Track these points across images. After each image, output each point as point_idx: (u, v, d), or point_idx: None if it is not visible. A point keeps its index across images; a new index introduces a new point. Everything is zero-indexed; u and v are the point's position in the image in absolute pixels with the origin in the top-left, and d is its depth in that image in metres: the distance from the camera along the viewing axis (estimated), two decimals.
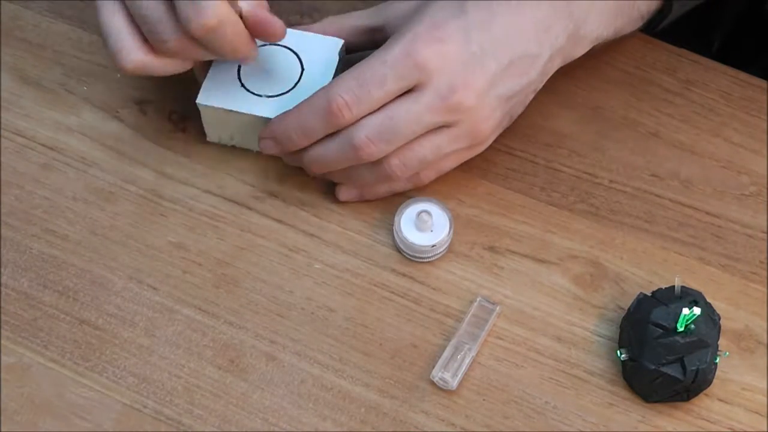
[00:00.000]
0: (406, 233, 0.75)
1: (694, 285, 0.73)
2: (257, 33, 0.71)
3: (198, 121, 0.78)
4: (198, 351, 0.73)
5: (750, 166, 0.80)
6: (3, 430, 0.70)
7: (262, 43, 0.75)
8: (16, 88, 0.82)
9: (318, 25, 0.78)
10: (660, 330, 0.69)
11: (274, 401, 0.72)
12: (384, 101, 0.71)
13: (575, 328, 0.74)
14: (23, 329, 0.73)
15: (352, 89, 0.70)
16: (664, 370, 0.69)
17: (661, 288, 0.72)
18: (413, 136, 0.72)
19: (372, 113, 0.71)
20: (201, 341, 0.73)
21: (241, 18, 0.69)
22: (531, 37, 0.72)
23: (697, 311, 0.69)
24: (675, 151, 0.80)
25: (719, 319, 0.71)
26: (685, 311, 0.69)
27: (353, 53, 0.78)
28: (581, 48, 0.76)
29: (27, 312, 0.74)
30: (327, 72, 0.76)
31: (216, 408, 0.71)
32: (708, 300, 0.71)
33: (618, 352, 0.71)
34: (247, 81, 0.76)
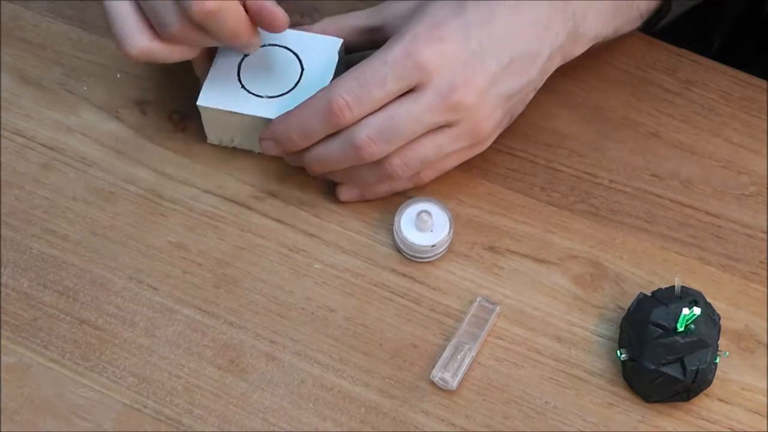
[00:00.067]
0: (406, 233, 0.75)
1: (694, 285, 0.73)
2: (259, 22, 0.71)
3: (198, 121, 0.78)
4: (198, 351, 0.73)
5: (750, 166, 0.80)
6: (3, 430, 0.70)
7: (261, 44, 0.75)
8: (16, 88, 0.82)
9: (317, 26, 0.78)
10: (660, 330, 0.69)
11: (274, 401, 0.72)
12: (384, 101, 0.71)
13: (575, 328, 0.74)
14: (23, 329, 0.73)
15: (352, 90, 0.70)
16: (664, 370, 0.69)
17: (661, 288, 0.72)
18: (414, 135, 0.72)
19: (373, 113, 0.71)
20: (201, 341, 0.73)
21: (245, 6, 0.69)
22: (531, 36, 0.72)
23: (697, 311, 0.68)
24: (675, 151, 0.80)
25: (719, 319, 0.71)
26: (685, 311, 0.69)
27: (353, 53, 0.78)
28: (580, 46, 0.76)
29: (27, 312, 0.74)
30: (327, 72, 0.76)
31: (216, 408, 0.71)
32: (708, 300, 0.71)
33: (618, 352, 0.71)
34: (248, 82, 0.76)
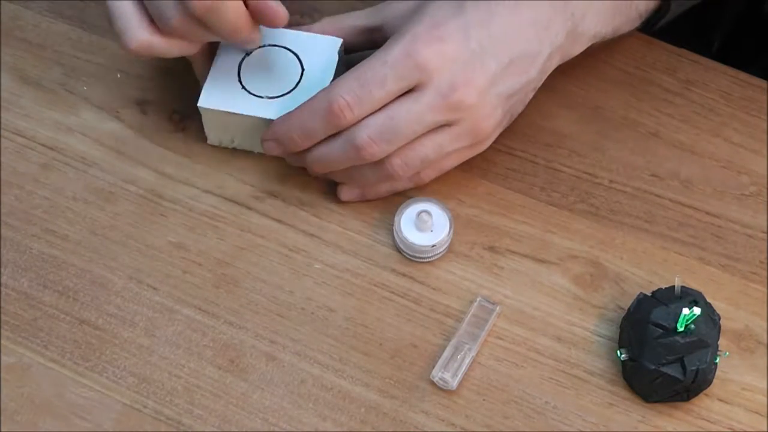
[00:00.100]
0: (406, 233, 0.75)
1: (694, 285, 0.73)
2: (260, 18, 0.70)
3: (198, 121, 0.78)
4: (198, 351, 0.73)
5: (750, 166, 0.80)
6: (3, 430, 0.70)
7: (261, 45, 0.76)
8: (16, 88, 0.82)
9: (317, 26, 0.78)
10: (660, 330, 0.69)
11: (274, 401, 0.72)
12: (385, 101, 0.71)
13: (575, 328, 0.74)
14: (23, 329, 0.73)
15: (353, 90, 0.70)
16: (664, 370, 0.69)
17: (661, 288, 0.72)
18: (415, 135, 0.72)
19: (373, 113, 0.71)
20: (201, 341, 0.73)
21: (245, 2, 0.69)
22: (530, 36, 0.72)
23: (697, 311, 0.68)
24: (675, 151, 0.80)
25: (719, 319, 0.71)
26: (685, 311, 0.69)
27: (352, 53, 0.78)
28: (580, 46, 0.76)
29: (27, 312, 0.74)
30: (327, 71, 0.76)
31: (216, 408, 0.71)
32: (708, 300, 0.71)
33: (618, 352, 0.71)
34: (248, 83, 0.76)
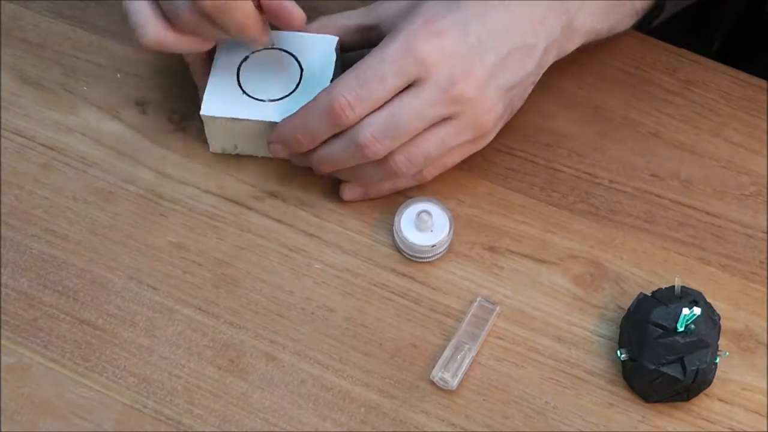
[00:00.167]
0: (406, 233, 0.75)
1: (694, 285, 0.73)
2: (276, 19, 0.71)
3: (198, 122, 0.78)
4: (198, 351, 0.73)
5: (750, 166, 0.80)
6: (3, 430, 0.70)
7: (259, 48, 0.76)
8: (16, 88, 0.82)
9: (312, 25, 0.78)
10: (660, 330, 0.69)
11: (274, 401, 0.72)
12: (386, 98, 0.71)
13: (575, 328, 0.74)
14: (23, 329, 0.73)
15: (353, 88, 0.70)
16: (664, 370, 0.69)
17: (661, 288, 0.72)
18: (417, 131, 0.72)
19: (374, 112, 0.71)
20: (201, 341, 0.73)
21: (261, 4, 0.70)
22: (526, 29, 0.73)
23: (697, 311, 0.68)
24: (675, 151, 0.80)
25: (719, 319, 0.71)
26: (685, 311, 0.68)
27: (348, 52, 0.78)
28: (575, 41, 0.77)
29: (27, 312, 0.74)
30: (326, 70, 0.76)
31: (216, 408, 0.71)
32: (708, 300, 0.71)
33: (618, 352, 0.71)
34: (249, 87, 0.76)
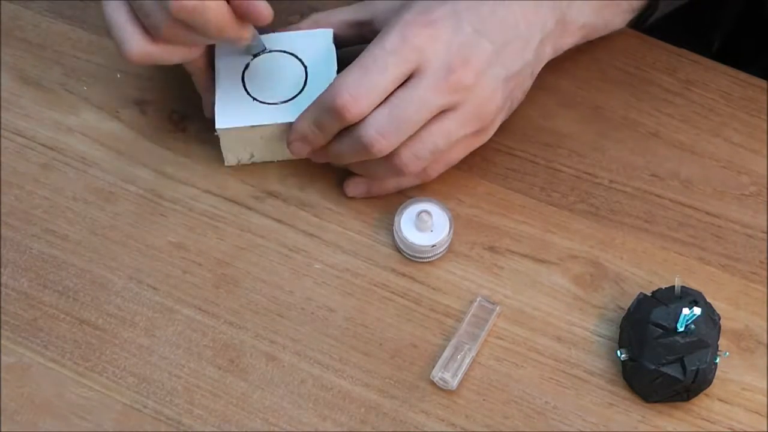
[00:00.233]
0: (406, 233, 0.75)
1: (694, 285, 0.73)
2: (244, 16, 0.70)
3: (198, 122, 0.78)
4: (198, 351, 0.73)
5: (750, 166, 0.80)
6: (3, 430, 0.70)
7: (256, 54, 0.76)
8: (16, 88, 0.82)
9: (306, 23, 0.78)
10: (660, 330, 0.69)
11: (274, 401, 0.72)
12: (388, 90, 0.71)
13: (575, 328, 0.74)
14: (23, 329, 0.73)
15: (356, 81, 0.71)
16: (664, 370, 0.69)
17: (661, 288, 0.72)
18: (420, 122, 0.72)
19: (377, 108, 0.71)
20: (201, 341, 0.73)
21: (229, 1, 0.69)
22: (520, 21, 0.73)
23: (697, 311, 0.68)
24: (675, 151, 0.80)
25: (719, 319, 0.71)
26: (685, 311, 0.68)
27: (342, 48, 0.78)
28: (570, 36, 0.77)
29: (27, 312, 0.74)
30: (329, 63, 0.76)
31: (216, 408, 0.71)
32: (708, 300, 0.71)
33: (618, 352, 0.71)
34: (257, 93, 0.76)
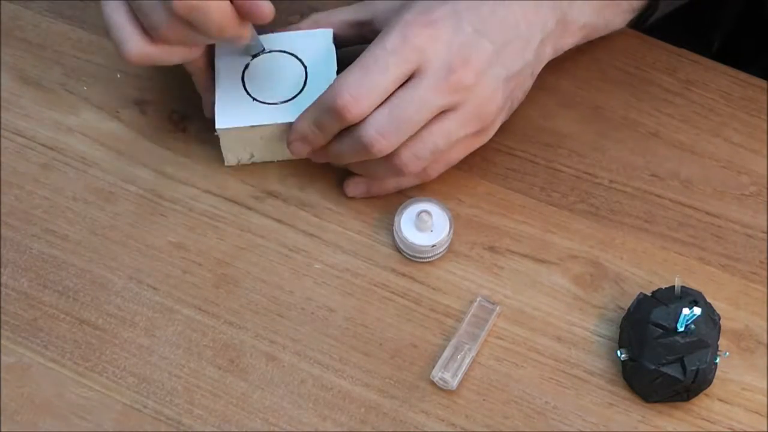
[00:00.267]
0: (406, 233, 0.75)
1: (694, 285, 0.73)
2: (245, 14, 0.70)
3: (198, 122, 0.78)
4: (198, 351, 0.73)
5: (750, 166, 0.80)
6: (3, 430, 0.70)
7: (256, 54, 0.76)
8: (16, 88, 0.82)
9: (306, 23, 0.78)
10: (660, 330, 0.69)
11: (274, 401, 0.72)
12: (388, 90, 0.71)
13: (575, 328, 0.74)
14: (23, 329, 0.73)
15: (357, 80, 0.71)
16: (664, 370, 0.69)
17: (661, 288, 0.72)
18: (421, 123, 0.72)
19: (378, 108, 0.71)
20: (201, 341, 0.73)
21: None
22: (520, 21, 0.73)
23: (697, 311, 0.68)
24: (675, 151, 0.80)
25: (719, 319, 0.71)
26: (685, 311, 0.68)
27: (342, 48, 0.78)
28: (571, 36, 0.77)
29: (27, 312, 0.74)
30: (329, 63, 0.76)
31: (216, 408, 0.71)
32: (708, 300, 0.71)
33: (618, 352, 0.71)
34: (257, 93, 0.75)
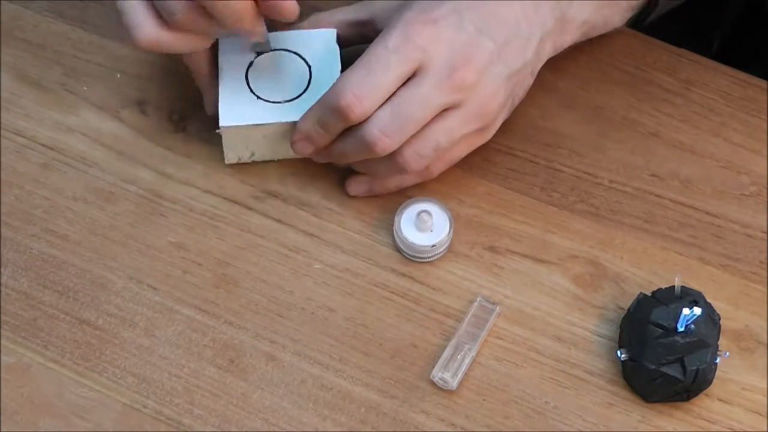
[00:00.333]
0: (406, 233, 0.75)
1: (694, 285, 0.73)
2: (269, 11, 0.70)
3: (198, 122, 0.78)
4: (198, 351, 0.73)
5: (750, 166, 0.80)
6: (3, 430, 0.70)
7: (259, 51, 0.76)
8: (16, 88, 0.82)
9: (307, 22, 0.78)
10: (660, 330, 0.69)
11: (274, 401, 0.72)
12: (391, 88, 0.71)
13: (575, 328, 0.74)
14: (23, 329, 0.73)
15: (360, 80, 0.71)
16: (664, 370, 0.69)
17: (661, 288, 0.72)
18: (423, 121, 0.72)
19: (380, 107, 0.71)
20: (201, 341, 0.73)
21: None
22: (520, 19, 0.73)
23: (697, 311, 0.68)
24: (675, 151, 0.80)
25: (719, 319, 0.71)
26: (685, 311, 0.68)
27: (343, 48, 0.78)
28: (570, 33, 0.77)
29: (27, 312, 0.74)
30: (333, 62, 0.76)
31: (216, 408, 0.71)
32: (708, 300, 0.71)
33: (618, 352, 0.71)
34: (261, 92, 0.75)
